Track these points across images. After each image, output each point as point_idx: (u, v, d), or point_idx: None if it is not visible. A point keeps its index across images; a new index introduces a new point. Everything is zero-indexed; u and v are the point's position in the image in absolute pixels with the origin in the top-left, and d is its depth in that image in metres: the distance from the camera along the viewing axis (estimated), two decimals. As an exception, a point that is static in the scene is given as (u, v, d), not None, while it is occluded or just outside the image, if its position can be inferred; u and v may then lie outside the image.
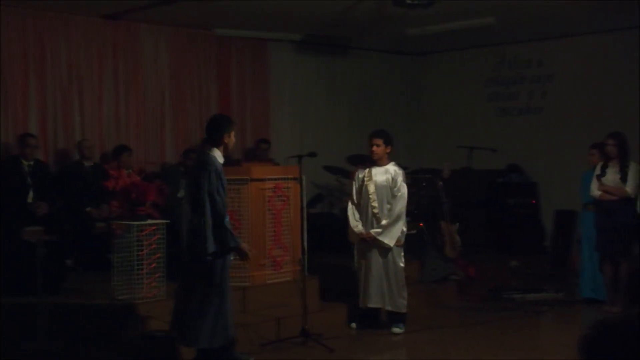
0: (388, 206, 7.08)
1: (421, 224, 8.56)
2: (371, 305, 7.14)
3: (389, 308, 7.14)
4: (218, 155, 5.60)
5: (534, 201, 10.75)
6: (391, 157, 7.26)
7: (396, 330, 7.09)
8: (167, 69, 9.50)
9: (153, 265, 6.12)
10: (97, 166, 8.36)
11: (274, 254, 7.17)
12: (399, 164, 7.31)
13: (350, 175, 8.91)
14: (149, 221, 6.23)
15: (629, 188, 7.77)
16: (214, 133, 5.65)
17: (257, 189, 7.06)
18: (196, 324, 5.49)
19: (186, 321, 5.53)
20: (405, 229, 7.14)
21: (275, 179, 7.19)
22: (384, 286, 7.09)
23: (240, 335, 6.07)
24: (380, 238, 7.02)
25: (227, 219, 5.56)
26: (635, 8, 8.63)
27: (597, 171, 7.96)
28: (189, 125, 9.66)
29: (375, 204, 7.09)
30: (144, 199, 6.10)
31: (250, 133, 10.25)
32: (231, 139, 5.68)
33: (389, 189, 7.09)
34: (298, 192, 6.92)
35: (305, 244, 6.85)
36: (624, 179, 7.78)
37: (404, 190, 7.10)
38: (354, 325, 7.29)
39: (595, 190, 7.95)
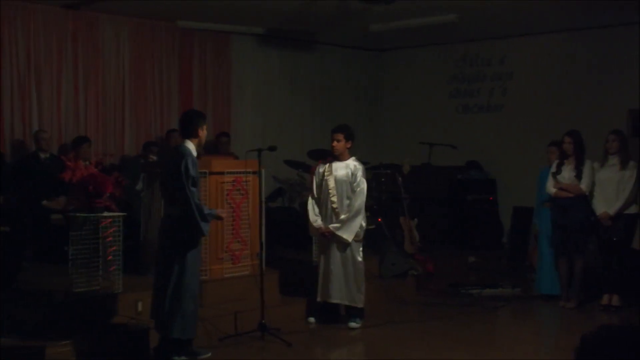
0: (347, 201, 7.09)
1: (380, 219, 8.60)
2: (329, 300, 7.16)
3: (346, 303, 7.16)
4: (192, 148, 5.81)
5: (491, 197, 10.86)
6: (352, 153, 7.28)
7: (353, 325, 7.11)
8: (128, 60, 9.41)
9: (110, 257, 6.07)
10: (54, 158, 8.25)
11: (233, 247, 7.15)
12: (359, 160, 7.33)
13: (311, 170, 8.92)
14: (106, 213, 6.16)
15: (584, 185, 7.90)
16: (189, 126, 5.87)
17: (217, 182, 7.03)
18: (172, 314, 5.65)
19: (163, 311, 5.67)
20: (364, 224, 7.16)
21: (235, 173, 7.17)
22: (342, 281, 7.10)
23: (198, 330, 6.06)
24: (339, 233, 7.03)
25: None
26: (594, 9, 8.76)
27: (553, 169, 8.09)
28: (149, 118, 9.59)
29: (334, 198, 7.10)
30: (101, 191, 6.04)
31: (211, 126, 10.14)
32: (204, 132, 5.90)
33: (349, 184, 7.11)
34: (257, 186, 6.91)
35: (264, 238, 6.85)
36: (579, 176, 7.91)
37: (363, 185, 7.12)
38: (312, 319, 7.30)
39: (551, 188, 8.07)
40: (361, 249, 7.19)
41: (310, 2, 8.36)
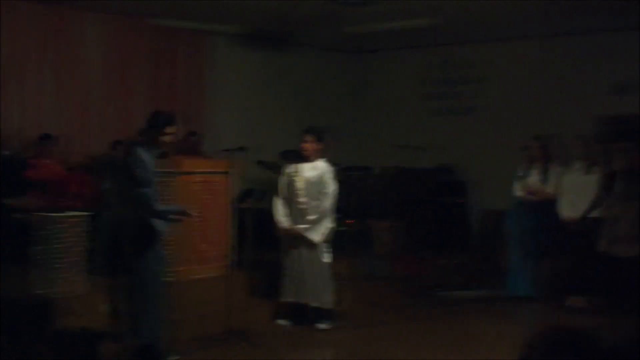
0: (316, 202, 7.05)
1: (352, 221, 8.56)
2: (296, 300, 7.11)
3: (314, 304, 7.11)
4: (148, 149, 5.61)
5: (463, 200, 10.91)
6: (324, 154, 7.23)
7: (321, 326, 7.07)
8: (97, 57, 9.28)
9: (73, 258, 5.97)
10: (17, 155, 8.08)
11: (201, 248, 7.09)
12: (330, 161, 7.28)
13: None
14: (70, 213, 6.06)
15: (550, 189, 8.02)
16: (150, 127, 5.70)
17: (186, 182, 6.97)
18: (136, 318, 5.55)
19: (130, 315, 5.58)
20: (332, 226, 7.12)
21: (205, 173, 7.10)
22: (310, 282, 7.06)
23: (165, 332, 5.97)
24: (307, 234, 6.99)
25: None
26: (567, 16, 8.83)
27: (521, 172, 8.20)
28: (119, 116, 9.45)
29: (303, 199, 7.05)
30: (65, 190, 5.94)
31: (182, 126, 10.06)
32: (169, 134, 5.66)
33: (317, 185, 7.06)
34: (227, 186, 6.84)
35: (233, 239, 6.78)
36: (545, 180, 8.02)
37: (332, 187, 7.08)
38: (281, 321, 7.25)
39: (519, 191, 8.20)
40: (329, 250, 7.15)
41: (287, 3, 8.31)
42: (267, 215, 9.46)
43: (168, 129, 5.64)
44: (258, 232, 8.91)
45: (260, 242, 8.81)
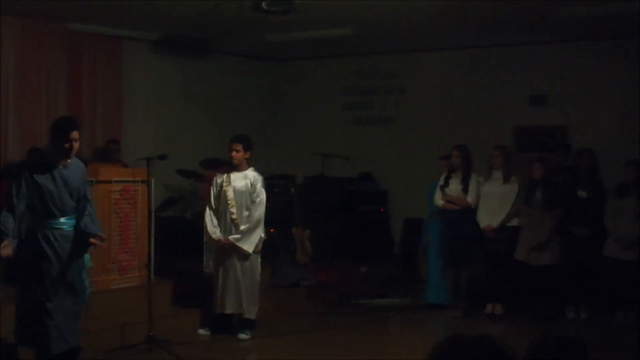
0: (247, 212, 7.03)
1: (272, 230, 8.57)
2: (227, 311, 7.08)
3: (243, 315, 7.09)
4: (52, 157, 5.43)
5: (383, 209, 11.03)
6: (249, 163, 7.21)
7: (243, 336, 7.06)
8: (12, 63, 9.00)
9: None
10: None
11: (120, 258, 6.97)
12: (258, 170, 7.28)
13: (203, 179, 8.81)
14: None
15: (471, 198, 8.16)
16: (52, 134, 5.50)
17: (104, 191, 6.85)
18: (45, 330, 5.34)
19: (36, 329, 5.39)
20: (263, 235, 7.11)
21: (124, 182, 6.99)
22: (238, 292, 7.03)
23: (83, 343, 5.85)
24: (239, 244, 6.95)
25: (67, 219, 5.46)
26: (483, 28, 9.06)
27: (441, 182, 8.33)
28: (35, 123, 9.20)
29: (233, 209, 7.01)
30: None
31: (101, 133, 9.90)
32: (72, 141, 5.43)
33: (248, 195, 7.04)
34: (147, 195, 6.76)
35: (152, 248, 6.70)
36: (466, 189, 8.18)
37: (262, 196, 7.07)
38: (203, 331, 7.20)
39: (439, 200, 8.32)
40: (259, 260, 7.15)
41: (206, 9, 8.26)
42: (188, 224, 9.42)
43: (72, 135, 5.42)
44: (179, 241, 8.86)
45: (182, 251, 8.76)
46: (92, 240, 5.51)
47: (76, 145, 5.46)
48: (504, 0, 7.61)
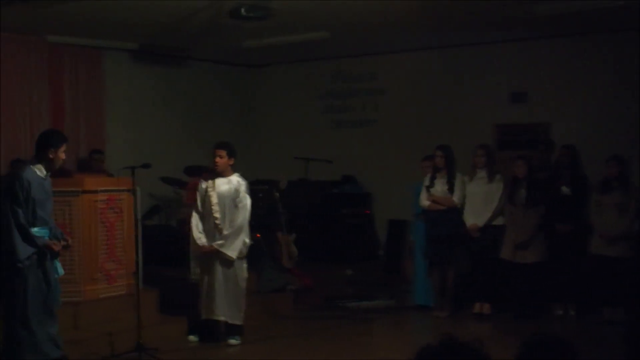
0: (230, 217, 7.05)
1: (258, 235, 8.62)
2: (213, 317, 7.09)
3: (228, 321, 7.13)
4: (39, 169, 5.60)
5: (367, 211, 11.07)
6: (233, 169, 7.26)
7: (232, 342, 7.09)
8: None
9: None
10: None
11: (107, 267, 6.99)
12: (242, 175, 7.32)
13: (187, 186, 8.84)
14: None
15: (456, 198, 8.20)
16: (38, 148, 5.68)
17: (89, 200, 6.88)
18: (21, 342, 5.40)
19: (11, 342, 5.41)
20: (248, 241, 7.12)
21: (109, 191, 7.02)
22: (224, 298, 7.05)
23: (72, 352, 5.88)
24: (223, 250, 6.98)
25: (40, 229, 5.54)
26: (460, 27, 9.15)
27: (426, 182, 8.33)
28: (18, 135, 9.20)
29: (217, 214, 7.05)
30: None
31: (84, 144, 9.90)
32: (58, 155, 5.65)
33: (232, 200, 7.07)
34: (132, 204, 6.79)
35: (140, 256, 6.73)
36: (451, 189, 8.20)
37: (246, 201, 7.10)
38: (193, 337, 7.23)
39: (425, 201, 8.32)
40: (245, 265, 7.18)
41: (183, 18, 8.31)
42: (174, 232, 9.44)
43: (59, 149, 5.63)
44: (165, 249, 8.88)
45: (168, 259, 8.78)
46: (53, 244, 5.59)
47: (63, 157, 5.68)
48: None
